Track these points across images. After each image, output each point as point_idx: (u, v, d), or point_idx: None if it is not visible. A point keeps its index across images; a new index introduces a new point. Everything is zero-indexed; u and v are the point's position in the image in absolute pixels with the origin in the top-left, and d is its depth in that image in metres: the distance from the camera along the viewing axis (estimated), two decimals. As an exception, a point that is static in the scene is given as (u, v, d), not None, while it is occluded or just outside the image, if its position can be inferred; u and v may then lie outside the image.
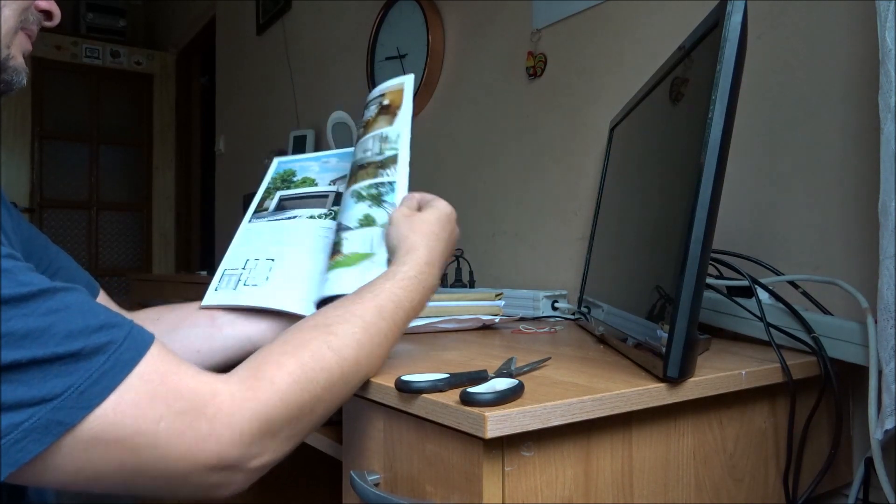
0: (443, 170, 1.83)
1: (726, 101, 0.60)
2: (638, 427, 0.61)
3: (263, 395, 0.50)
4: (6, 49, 0.60)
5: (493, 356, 0.77)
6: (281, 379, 0.52)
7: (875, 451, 0.69)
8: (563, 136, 1.45)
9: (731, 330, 0.86)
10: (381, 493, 0.60)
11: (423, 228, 0.71)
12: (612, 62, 1.33)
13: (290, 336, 0.57)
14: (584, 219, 1.38)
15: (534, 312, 1.29)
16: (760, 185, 1.05)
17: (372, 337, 0.60)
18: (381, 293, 0.64)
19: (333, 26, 2.39)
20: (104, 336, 0.46)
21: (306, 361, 0.54)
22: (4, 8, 0.59)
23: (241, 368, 0.53)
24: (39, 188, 3.84)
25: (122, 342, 0.47)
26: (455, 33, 1.80)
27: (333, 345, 0.56)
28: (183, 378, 0.48)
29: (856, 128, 0.92)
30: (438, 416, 0.54)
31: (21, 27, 0.62)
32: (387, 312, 0.62)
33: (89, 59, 4.08)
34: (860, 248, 0.91)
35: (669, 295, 0.61)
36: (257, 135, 3.05)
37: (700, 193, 0.59)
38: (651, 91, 0.89)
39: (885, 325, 0.67)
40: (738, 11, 0.60)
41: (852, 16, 0.93)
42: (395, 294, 0.64)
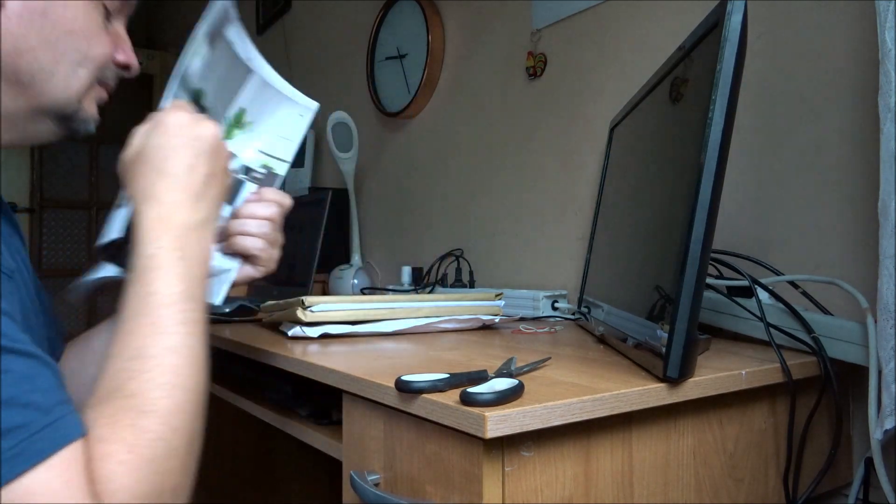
0: (443, 170, 1.83)
1: (726, 101, 0.60)
2: (638, 427, 0.61)
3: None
4: (77, 103, 0.60)
5: (493, 356, 0.77)
6: (122, 484, 0.44)
7: (875, 451, 0.69)
8: (563, 136, 1.45)
9: (731, 330, 0.86)
10: (381, 493, 0.60)
11: (137, 165, 0.58)
12: (612, 62, 1.33)
13: (99, 418, 0.47)
14: (584, 219, 1.38)
15: (534, 312, 1.29)
16: (760, 186, 1.05)
17: (170, 355, 0.50)
18: (141, 292, 0.52)
19: (333, 26, 2.39)
20: (21, 416, 0.42)
21: (133, 444, 0.45)
22: (80, 68, 0.58)
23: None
24: (39, 188, 3.83)
25: (39, 430, 0.42)
26: (455, 33, 1.80)
27: (144, 407, 0.47)
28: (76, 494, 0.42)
29: (856, 128, 0.92)
30: (438, 416, 0.54)
31: (98, 83, 0.61)
32: (163, 308, 0.52)
33: (89, 59, 4.07)
34: (860, 248, 0.91)
35: (669, 295, 0.61)
36: (257, 135, 3.05)
37: (700, 193, 0.59)
38: (651, 91, 0.89)
39: (884, 325, 0.67)
40: (738, 11, 0.60)
41: (852, 16, 0.93)
42: (155, 277, 0.52)
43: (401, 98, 1.92)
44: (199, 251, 0.57)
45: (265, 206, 0.70)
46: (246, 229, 0.69)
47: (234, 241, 0.69)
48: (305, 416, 0.88)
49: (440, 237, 1.83)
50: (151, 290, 0.52)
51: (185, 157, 0.58)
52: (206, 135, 0.60)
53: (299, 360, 0.78)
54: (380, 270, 2.09)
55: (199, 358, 0.52)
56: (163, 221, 0.55)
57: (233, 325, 1.21)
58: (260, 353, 0.89)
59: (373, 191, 2.15)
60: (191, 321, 0.53)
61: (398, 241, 2.02)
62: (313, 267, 1.58)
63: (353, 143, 1.99)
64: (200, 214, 0.58)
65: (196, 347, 0.52)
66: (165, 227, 0.55)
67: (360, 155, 2.05)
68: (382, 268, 2.08)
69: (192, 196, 0.57)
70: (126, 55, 0.63)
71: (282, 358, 0.83)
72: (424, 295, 1.31)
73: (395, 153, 2.04)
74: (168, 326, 0.51)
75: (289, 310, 1.00)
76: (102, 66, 0.61)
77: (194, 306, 0.54)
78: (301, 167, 2.28)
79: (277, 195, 0.71)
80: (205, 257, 0.57)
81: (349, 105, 2.17)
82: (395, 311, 1.02)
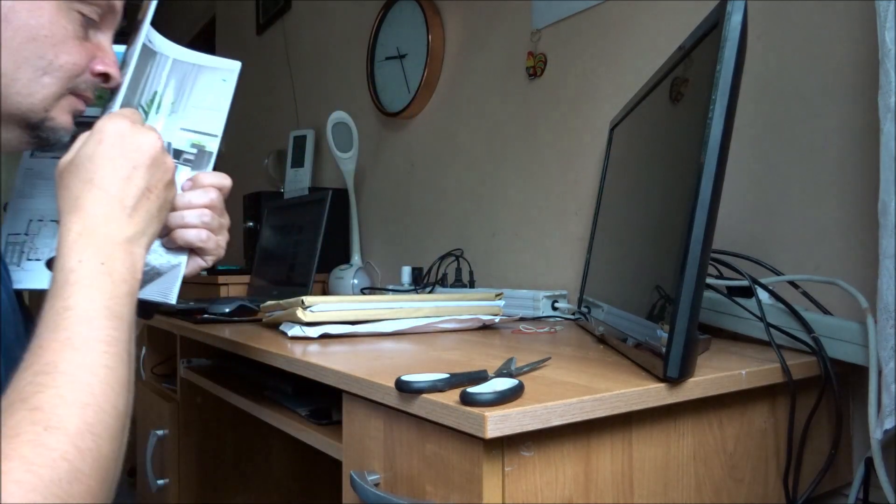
0: (443, 170, 1.83)
1: (726, 101, 0.60)
2: (638, 427, 0.61)
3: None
4: (44, 112, 0.58)
5: (493, 356, 0.77)
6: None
7: (875, 451, 0.69)
8: (563, 136, 1.45)
9: (731, 330, 0.86)
10: (381, 493, 0.60)
11: (67, 174, 0.55)
12: (612, 62, 1.33)
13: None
14: (584, 219, 1.38)
15: (534, 312, 1.29)
16: (760, 185, 1.05)
17: (84, 373, 0.46)
18: (58, 306, 0.49)
19: (333, 26, 2.39)
20: None
21: (32, 463, 0.41)
22: (45, 76, 0.57)
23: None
24: (39, 188, 3.84)
25: None
26: (455, 33, 1.80)
27: (50, 423, 0.43)
28: None
29: (856, 128, 0.92)
30: (438, 416, 0.54)
31: (71, 92, 0.60)
32: (80, 324, 0.48)
33: (89, 59, 4.07)
34: (860, 248, 0.91)
35: (669, 295, 0.61)
36: (257, 135, 3.05)
37: (700, 193, 0.59)
38: (651, 91, 0.89)
39: (885, 325, 0.67)
40: (738, 11, 0.60)
41: (852, 16, 0.93)
42: (74, 292, 0.49)
43: (401, 98, 1.92)
44: (128, 267, 0.53)
45: (202, 194, 0.66)
46: (186, 221, 0.65)
47: (175, 235, 0.66)
48: (305, 416, 0.88)
49: (440, 237, 1.83)
50: (68, 305, 0.49)
51: (120, 168, 0.55)
52: (146, 146, 0.57)
53: (299, 360, 0.78)
54: (380, 270, 2.09)
55: (118, 378, 0.49)
56: (87, 235, 0.52)
57: (233, 325, 1.21)
58: (260, 353, 0.89)
59: (373, 191, 2.15)
60: (112, 339, 0.49)
61: (398, 241, 2.02)
62: (313, 267, 1.58)
63: (353, 143, 1.99)
64: (132, 229, 0.54)
65: (116, 367, 0.49)
66: (89, 241, 0.52)
67: (360, 155, 2.05)
68: (382, 268, 2.08)
69: (123, 209, 0.54)
70: (105, 66, 0.61)
71: (282, 358, 0.83)
72: (424, 295, 1.31)
73: (395, 153, 2.04)
74: (84, 343, 0.48)
75: (289, 310, 1.00)
76: (73, 76, 0.59)
77: (117, 324, 0.50)
78: (301, 167, 2.28)
79: (214, 178, 0.68)
80: (134, 274, 0.54)
81: (349, 105, 2.18)
82: (395, 311, 1.02)
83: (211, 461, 1.47)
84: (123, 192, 0.55)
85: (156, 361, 1.77)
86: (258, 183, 2.83)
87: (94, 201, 0.53)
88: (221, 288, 1.97)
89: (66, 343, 0.47)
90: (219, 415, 1.47)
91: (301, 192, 2.20)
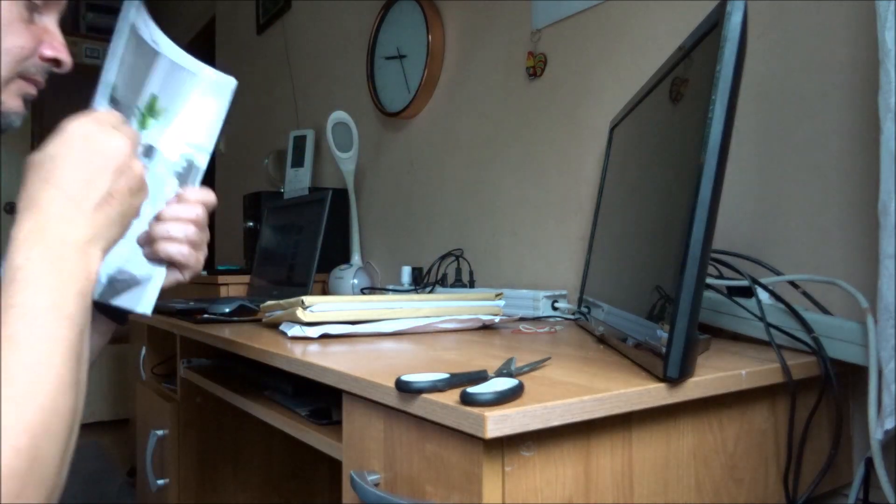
0: (443, 170, 1.83)
1: (726, 101, 0.60)
2: (638, 427, 0.61)
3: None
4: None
5: (493, 356, 0.77)
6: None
7: (875, 451, 0.69)
8: (563, 136, 1.45)
9: (731, 330, 0.86)
10: (381, 493, 0.60)
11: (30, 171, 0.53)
12: (612, 62, 1.33)
13: None
14: (584, 219, 1.38)
15: (534, 312, 1.29)
16: (760, 185, 1.05)
17: (24, 372, 0.45)
18: (3, 304, 0.47)
19: (333, 26, 2.39)
20: None
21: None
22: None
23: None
24: (39, 188, 3.85)
25: None
26: (455, 33, 1.80)
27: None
28: None
29: (856, 128, 0.92)
30: (438, 416, 0.54)
31: (20, 76, 0.60)
32: (22, 322, 0.47)
33: (89, 59, 4.08)
34: (860, 248, 0.91)
35: (669, 295, 0.61)
36: (257, 135, 3.05)
37: (700, 193, 0.59)
38: (651, 91, 0.89)
39: (885, 325, 0.67)
40: (738, 11, 0.60)
41: (852, 16, 0.93)
42: (19, 290, 0.48)
43: (401, 98, 1.92)
44: (80, 268, 0.51)
45: (189, 209, 0.66)
46: (171, 235, 0.66)
47: (157, 246, 0.65)
48: (305, 416, 0.88)
49: (440, 237, 1.83)
50: (13, 303, 0.47)
51: (82, 170, 0.53)
52: (113, 150, 0.55)
53: (299, 360, 0.78)
54: (380, 270, 2.09)
55: (62, 377, 0.47)
56: (38, 232, 0.50)
57: (233, 325, 1.21)
58: (260, 353, 0.89)
59: (373, 191, 2.15)
60: (57, 338, 0.48)
61: (398, 241, 2.02)
62: (313, 267, 1.58)
63: (353, 143, 1.99)
64: (87, 231, 0.53)
65: (60, 366, 0.47)
66: (39, 238, 0.50)
67: (360, 155, 2.05)
68: (382, 268, 2.08)
69: (80, 212, 0.53)
70: (54, 50, 0.62)
71: (282, 358, 0.83)
72: (424, 295, 1.31)
73: (395, 153, 2.04)
74: (25, 340, 0.46)
75: (289, 310, 1.00)
76: (21, 59, 0.59)
77: (65, 323, 0.49)
78: (301, 167, 2.28)
79: (201, 194, 0.68)
80: (87, 275, 0.52)
81: (349, 105, 2.18)
82: (395, 311, 1.02)
83: (211, 461, 1.47)
84: (82, 194, 0.53)
85: (156, 361, 1.77)
86: (258, 183, 2.83)
87: (49, 200, 0.52)
88: (221, 288, 1.97)
89: (8, 341, 0.46)
90: (219, 415, 1.47)
91: (301, 192, 2.20)
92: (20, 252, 0.49)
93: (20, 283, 0.48)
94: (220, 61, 3.51)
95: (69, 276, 0.51)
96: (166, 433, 1.43)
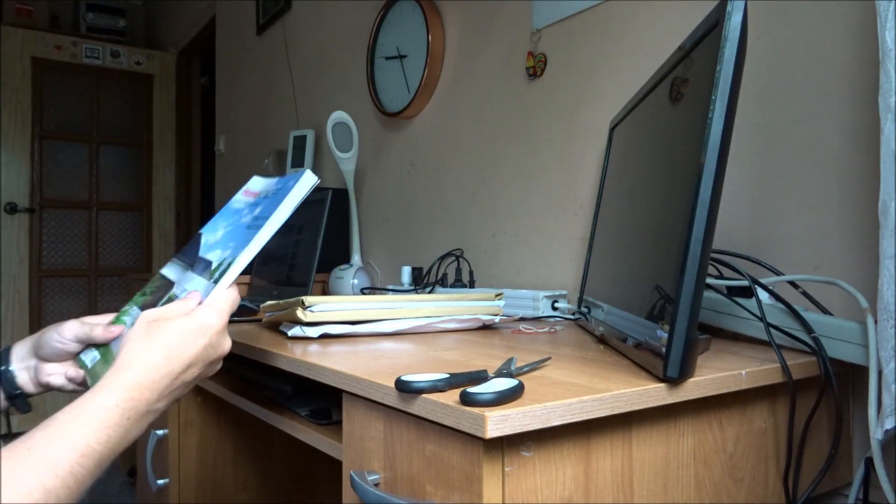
0: (443, 170, 1.83)
1: (726, 101, 0.60)
2: (638, 427, 0.61)
3: None
4: None
5: (493, 356, 0.77)
6: None
7: (875, 451, 0.69)
8: (563, 136, 1.45)
9: (731, 330, 0.86)
10: (381, 493, 0.60)
11: (155, 339, 0.62)
12: (612, 62, 1.33)
13: None
14: (584, 219, 1.38)
15: (534, 312, 1.29)
16: (760, 185, 1.05)
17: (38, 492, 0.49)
18: (58, 441, 0.52)
19: (333, 26, 2.39)
20: None
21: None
22: None
23: None
24: (39, 188, 3.83)
25: None
26: (455, 33, 1.80)
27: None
28: None
29: (856, 128, 0.92)
30: (438, 416, 0.54)
31: None
32: (62, 470, 0.51)
33: (89, 59, 4.08)
34: (860, 248, 0.91)
35: (669, 295, 0.61)
36: (257, 135, 3.05)
37: (700, 193, 0.59)
38: (651, 91, 0.89)
39: (885, 325, 0.67)
40: (738, 11, 0.60)
41: (852, 16, 0.93)
42: (77, 438, 0.53)
43: (401, 98, 1.92)
44: (122, 438, 0.58)
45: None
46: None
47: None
48: (305, 416, 0.88)
49: (440, 237, 1.83)
50: (77, 433, 0.54)
51: (188, 373, 0.64)
52: (222, 350, 0.68)
53: (299, 360, 0.78)
54: (380, 270, 2.09)
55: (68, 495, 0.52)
56: (138, 388, 0.59)
57: (233, 325, 1.21)
58: (260, 353, 0.89)
59: (373, 191, 2.15)
60: (87, 476, 0.53)
61: (398, 241, 2.02)
62: (313, 267, 1.58)
63: (353, 143, 1.99)
64: (161, 405, 0.62)
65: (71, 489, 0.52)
66: (136, 396, 0.58)
67: (360, 155, 2.05)
68: (382, 268, 2.08)
69: (170, 387, 0.62)
70: None
71: (282, 358, 0.83)
72: (424, 295, 1.31)
73: (395, 153, 2.04)
74: (61, 468, 0.51)
75: (289, 310, 1.00)
76: None
77: (92, 467, 0.54)
78: (301, 167, 2.28)
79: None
80: (128, 441, 0.59)
81: (349, 105, 2.18)
82: (395, 311, 1.02)
83: (211, 461, 1.47)
84: (171, 384, 0.62)
85: (156, 361, 1.76)
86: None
87: (136, 384, 0.59)
88: (221, 288, 1.97)
89: (48, 475, 0.50)
90: (219, 415, 1.47)
91: (301, 192, 2.19)
92: (100, 430, 0.55)
93: (97, 457, 0.54)
94: (220, 61, 3.51)
95: (121, 447, 0.57)
96: (166, 433, 1.43)
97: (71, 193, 3.98)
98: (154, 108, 4.31)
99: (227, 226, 0.80)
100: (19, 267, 3.71)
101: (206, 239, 0.79)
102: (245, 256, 0.71)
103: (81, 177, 4.02)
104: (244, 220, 0.77)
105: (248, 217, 0.77)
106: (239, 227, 0.76)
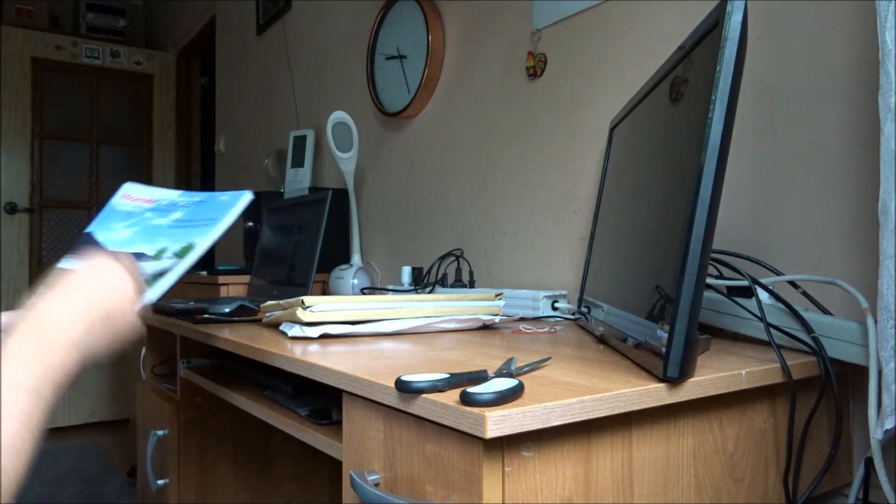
0: (443, 170, 1.83)
1: (726, 101, 0.60)
2: (638, 427, 0.61)
3: None
4: None
5: (493, 356, 0.77)
6: None
7: (875, 451, 0.69)
8: (563, 136, 1.45)
9: (731, 330, 0.86)
10: (381, 493, 0.60)
11: (57, 286, 0.62)
12: (612, 62, 1.33)
13: None
14: (584, 219, 1.38)
15: (534, 312, 1.29)
16: (760, 186, 1.05)
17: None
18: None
19: (333, 26, 2.39)
20: None
21: None
22: None
23: None
24: (39, 188, 3.83)
25: None
26: (455, 33, 1.80)
27: None
28: None
29: (856, 128, 0.92)
30: (438, 416, 0.54)
31: None
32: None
33: (89, 59, 4.08)
34: (860, 248, 0.91)
35: (669, 295, 0.61)
36: (257, 135, 3.05)
37: (700, 193, 0.59)
38: (651, 91, 0.89)
39: (885, 325, 0.67)
40: (738, 11, 0.60)
41: (852, 16, 0.93)
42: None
43: (401, 98, 1.92)
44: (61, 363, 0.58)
45: None
46: None
47: None
48: (305, 416, 0.88)
49: (440, 237, 1.83)
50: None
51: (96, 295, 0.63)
52: (126, 292, 0.67)
53: (299, 360, 0.78)
54: (380, 270, 2.09)
55: (21, 447, 0.51)
56: (40, 326, 0.58)
57: (233, 325, 1.21)
58: (260, 353, 0.89)
59: (373, 191, 2.15)
60: (29, 412, 0.53)
61: (398, 241, 2.02)
62: (313, 267, 1.58)
63: (353, 143, 1.99)
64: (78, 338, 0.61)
65: (24, 437, 0.52)
66: (37, 332, 0.58)
67: (360, 155, 2.05)
68: (382, 268, 2.08)
69: (79, 321, 0.61)
70: None
71: (282, 358, 0.83)
72: (424, 295, 1.31)
73: (395, 153, 2.04)
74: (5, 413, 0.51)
75: (289, 310, 1.00)
76: None
77: (40, 403, 0.54)
78: (301, 167, 2.28)
79: None
80: (64, 372, 0.58)
81: (349, 105, 2.18)
82: (395, 311, 1.02)
83: (211, 461, 1.47)
84: (87, 311, 0.62)
85: (156, 361, 1.77)
86: (258, 183, 2.83)
87: (60, 309, 0.60)
88: (221, 288, 1.97)
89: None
90: (219, 415, 1.47)
91: (301, 192, 2.20)
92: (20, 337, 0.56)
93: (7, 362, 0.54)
94: (220, 61, 3.51)
95: (51, 367, 0.57)
96: (166, 433, 1.43)
97: (71, 193, 3.98)
98: (154, 108, 4.31)
99: (132, 225, 0.85)
100: (19, 267, 3.70)
101: (108, 237, 0.82)
102: (205, 243, 0.78)
103: (81, 177, 4.02)
104: (159, 222, 0.84)
105: (165, 219, 0.84)
106: (159, 227, 0.82)
